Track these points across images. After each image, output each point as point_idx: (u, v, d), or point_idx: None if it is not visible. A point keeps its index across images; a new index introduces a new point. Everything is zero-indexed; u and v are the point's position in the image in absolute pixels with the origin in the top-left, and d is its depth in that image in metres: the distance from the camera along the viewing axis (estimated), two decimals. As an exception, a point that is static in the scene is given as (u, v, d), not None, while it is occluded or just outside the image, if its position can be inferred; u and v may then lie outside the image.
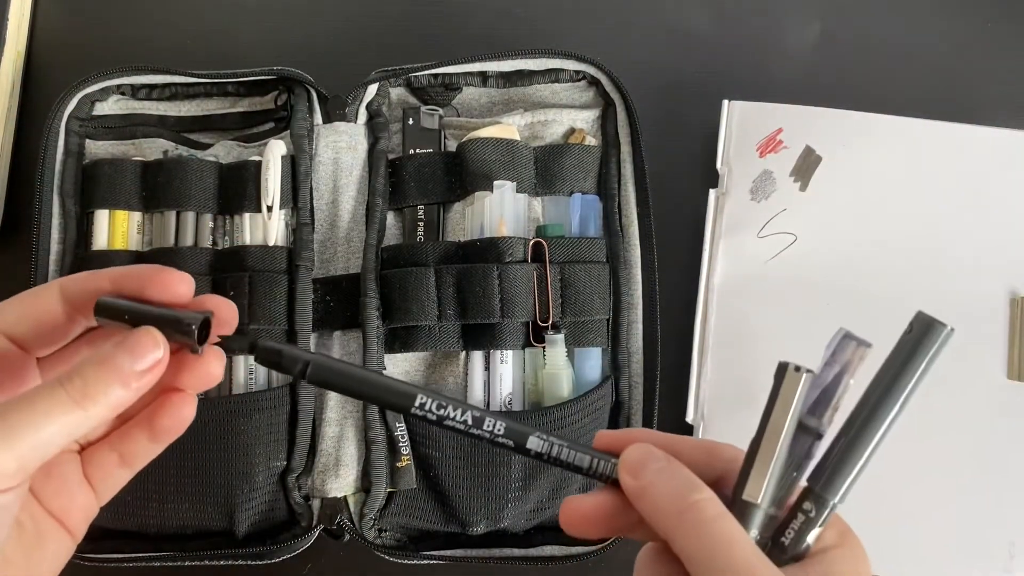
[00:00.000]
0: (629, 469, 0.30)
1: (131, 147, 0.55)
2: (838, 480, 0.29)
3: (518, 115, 0.55)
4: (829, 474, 0.29)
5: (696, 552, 0.27)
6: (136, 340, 0.30)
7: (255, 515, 0.50)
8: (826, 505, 0.29)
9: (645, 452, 0.30)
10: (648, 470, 0.29)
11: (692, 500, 0.28)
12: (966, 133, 0.54)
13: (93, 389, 0.28)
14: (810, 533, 0.29)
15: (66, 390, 0.28)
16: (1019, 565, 0.50)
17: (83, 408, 0.28)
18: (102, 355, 0.29)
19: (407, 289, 0.50)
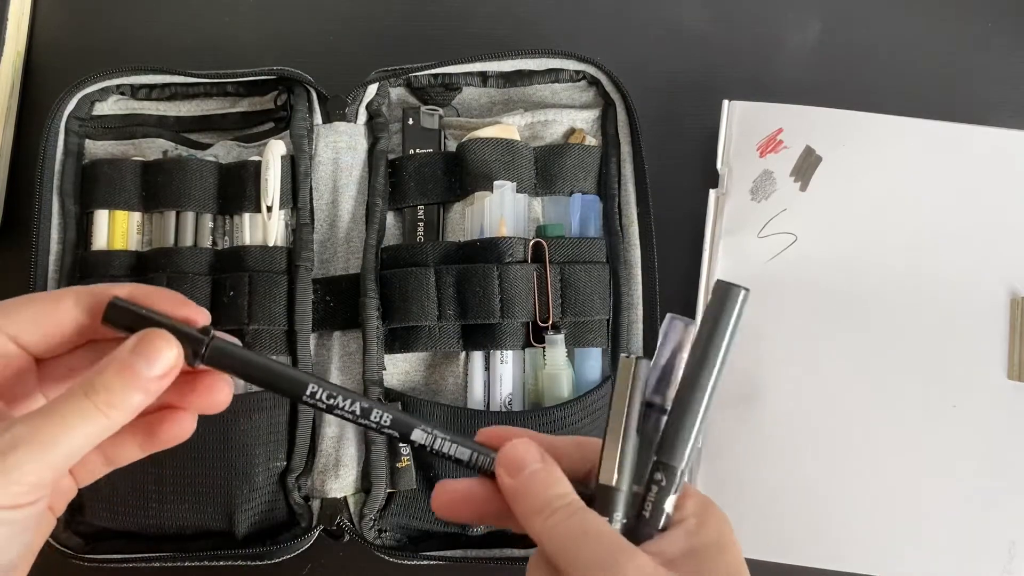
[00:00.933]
0: (506, 467, 0.31)
1: (131, 147, 0.55)
2: (678, 446, 0.31)
3: (518, 115, 0.55)
4: (669, 442, 0.31)
5: (557, 551, 0.29)
6: (152, 346, 0.30)
7: (255, 515, 0.50)
8: (674, 472, 0.31)
9: (524, 451, 0.31)
10: (524, 471, 0.30)
11: (555, 505, 0.29)
12: (966, 133, 0.54)
13: (117, 398, 0.30)
14: (666, 501, 0.31)
15: (92, 401, 0.29)
16: (1019, 566, 0.50)
17: (107, 416, 0.29)
18: (121, 362, 0.30)
19: (407, 289, 0.50)
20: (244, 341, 0.50)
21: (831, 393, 0.52)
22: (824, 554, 0.51)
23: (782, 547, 0.51)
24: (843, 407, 0.52)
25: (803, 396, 0.52)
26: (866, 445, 0.52)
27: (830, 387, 0.52)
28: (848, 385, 0.52)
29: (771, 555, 0.51)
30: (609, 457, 0.31)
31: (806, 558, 0.51)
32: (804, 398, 0.52)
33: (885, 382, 0.52)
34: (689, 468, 0.31)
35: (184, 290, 0.50)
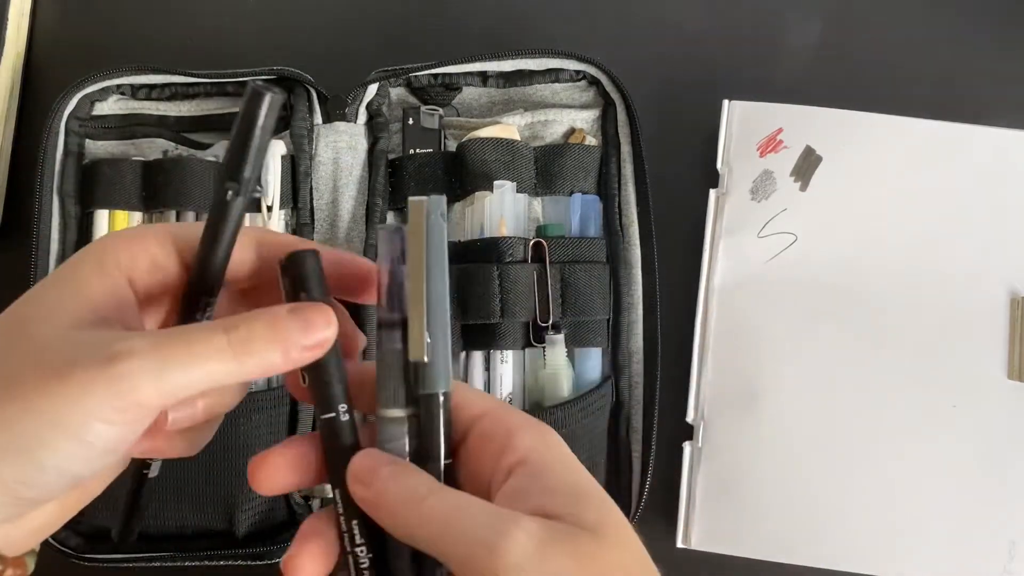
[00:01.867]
0: (360, 479, 0.28)
1: (131, 147, 0.55)
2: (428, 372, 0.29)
3: (518, 115, 0.55)
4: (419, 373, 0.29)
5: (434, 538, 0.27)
6: (311, 315, 0.28)
7: (255, 515, 0.50)
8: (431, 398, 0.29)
9: (373, 458, 0.29)
10: (379, 477, 0.28)
11: (422, 492, 0.27)
12: (967, 133, 0.54)
13: (256, 346, 0.27)
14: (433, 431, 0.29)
15: (228, 337, 0.27)
16: (1019, 566, 0.50)
17: (238, 361, 0.27)
18: (274, 315, 0.28)
19: (407, 289, 0.50)
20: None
21: (831, 393, 0.52)
22: (824, 554, 0.51)
23: (782, 547, 0.51)
24: (843, 407, 0.52)
25: (803, 396, 0.52)
26: (866, 445, 0.52)
27: (830, 387, 0.52)
28: (848, 385, 0.52)
29: (771, 555, 0.51)
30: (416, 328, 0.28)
31: (806, 558, 0.51)
32: (804, 398, 0.52)
33: (885, 382, 0.52)
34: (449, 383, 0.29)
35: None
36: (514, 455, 0.28)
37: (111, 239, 0.30)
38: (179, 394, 0.27)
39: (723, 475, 0.52)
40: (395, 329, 0.29)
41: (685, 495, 0.52)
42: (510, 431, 0.29)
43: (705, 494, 0.52)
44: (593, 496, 0.28)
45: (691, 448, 0.52)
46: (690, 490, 0.52)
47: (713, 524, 0.51)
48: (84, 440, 0.26)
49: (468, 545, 0.26)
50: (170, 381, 0.26)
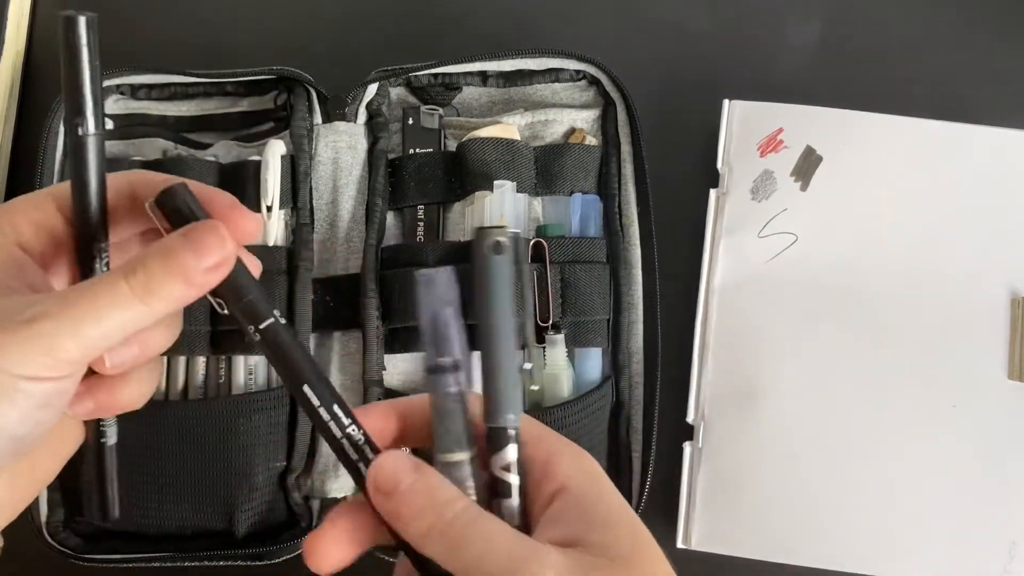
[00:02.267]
0: (381, 488, 0.28)
1: (130, 147, 0.55)
2: (495, 403, 0.28)
3: (518, 115, 0.55)
4: (488, 402, 0.29)
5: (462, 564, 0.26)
6: (202, 236, 0.28)
7: (255, 515, 0.50)
8: (500, 432, 0.28)
9: (395, 465, 0.28)
10: (400, 486, 0.28)
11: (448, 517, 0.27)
12: (967, 133, 0.54)
13: (156, 284, 0.27)
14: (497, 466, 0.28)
15: (129, 284, 0.27)
16: (1019, 566, 0.50)
17: (145, 304, 0.27)
18: (167, 248, 0.28)
19: (407, 289, 0.50)
20: (244, 342, 0.50)
21: (831, 393, 0.52)
22: (824, 554, 0.51)
23: (782, 547, 0.51)
24: (843, 407, 0.52)
25: (803, 396, 0.52)
26: (866, 445, 0.51)
27: (830, 387, 0.52)
28: (848, 385, 0.52)
29: (771, 555, 0.51)
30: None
31: (806, 558, 0.51)
32: (804, 398, 0.52)
33: (885, 382, 0.52)
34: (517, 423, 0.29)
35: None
36: (554, 483, 0.28)
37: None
38: (100, 346, 0.27)
39: (723, 475, 0.52)
40: (447, 373, 0.29)
41: (685, 495, 0.52)
42: (551, 458, 0.29)
43: (705, 494, 0.52)
44: (624, 524, 0.28)
45: (691, 448, 0.52)
46: (690, 490, 0.52)
47: (713, 524, 0.51)
48: (14, 399, 0.26)
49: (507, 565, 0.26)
50: (88, 335, 0.27)
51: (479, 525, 0.27)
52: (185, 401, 0.50)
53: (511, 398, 0.29)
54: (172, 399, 0.50)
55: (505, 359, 0.28)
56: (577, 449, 0.30)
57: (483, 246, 0.28)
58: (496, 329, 0.28)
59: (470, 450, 0.29)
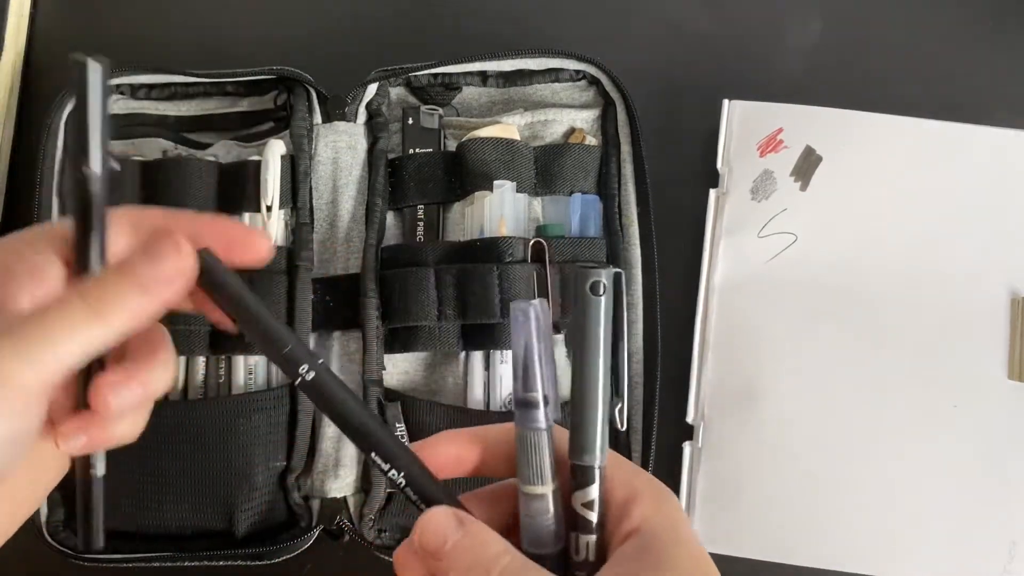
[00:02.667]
0: (428, 548, 0.28)
1: (130, 146, 0.55)
2: (584, 443, 0.29)
3: (518, 115, 0.55)
4: (574, 441, 0.29)
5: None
6: (158, 246, 0.28)
7: (254, 515, 0.50)
8: (587, 471, 0.29)
9: (442, 523, 0.28)
10: (446, 546, 0.27)
11: (497, 571, 0.27)
12: (967, 133, 0.54)
13: (111, 296, 0.27)
14: (578, 502, 0.29)
15: (85, 300, 0.26)
16: (1020, 566, 0.50)
17: (102, 318, 0.26)
18: (124, 263, 0.27)
19: (407, 289, 0.50)
20: (244, 342, 0.50)
21: (831, 393, 0.52)
22: (824, 554, 0.51)
23: (782, 547, 0.51)
24: (843, 407, 0.52)
25: (803, 396, 0.52)
26: (866, 445, 0.51)
27: (830, 387, 0.52)
28: (848, 385, 0.52)
29: (771, 555, 0.51)
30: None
31: (806, 558, 0.51)
32: (804, 398, 0.52)
33: (885, 382, 0.52)
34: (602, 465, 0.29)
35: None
36: (630, 523, 0.28)
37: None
38: (60, 369, 0.26)
39: (723, 475, 0.52)
40: (534, 409, 0.29)
41: (685, 496, 0.52)
42: (632, 497, 0.29)
43: (705, 495, 0.52)
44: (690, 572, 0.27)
45: (691, 448, 0.52)
46: (690, 490, 0.52)
47: (713, 525, 0.51)
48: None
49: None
50: (44, 359, 0.26)
51: None
52: (185, 401, 0.50)
53: (600, 437, 0.29)
54: (172, 399, 0.50)
55: (597, 398, 0.29)
56: (660, 491, 0.29)
57: (583, 286, 0.28)
58: (590, 368, 0.29)
59: (553, 483, 0.29)
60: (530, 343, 0.29)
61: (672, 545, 0.28)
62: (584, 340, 0.29)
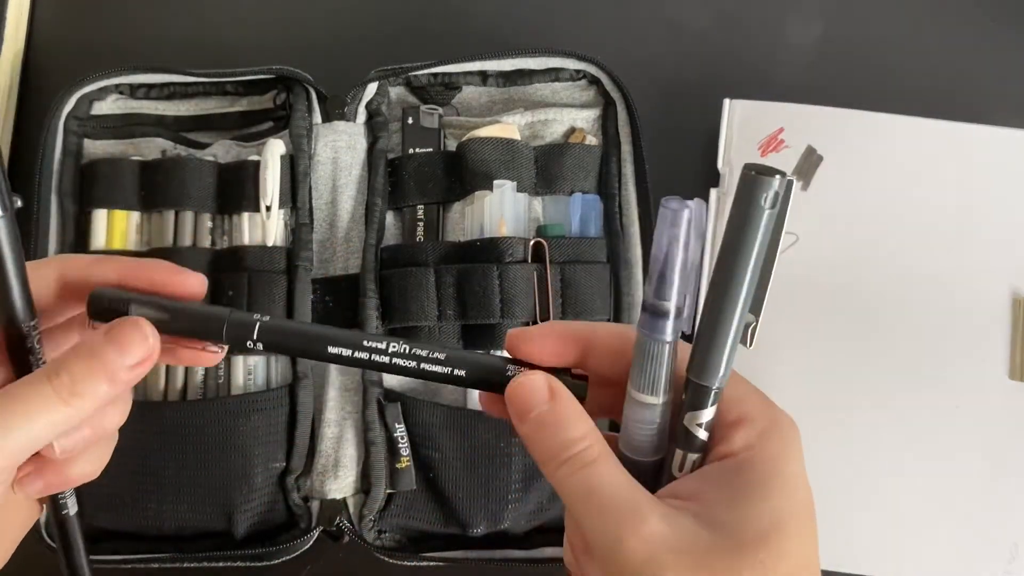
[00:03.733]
0: (514, 412, 0.28)
1: (129, 146, 0.55)
2: (709, 362, 0.27)
3: (518, 114, 0.54)
4: (698, 358, 0.27)
5: (567, 505, 0.27)
6: (125, 334, 0.28)
7: (254, 516, 0.50)
8: (704, 391, 0.27)
9: (529, 390, 0.28)
10: (531, 414, 0.28)
11: (563, 457, 0.27)
12: (968, 132, 0.54)
13: (80, 386, 0.28)
14: (692, 423, 0.27)
15: (53, 387, 0.27)
16: (1021, 566, 0.50)
17: (70, 405, 0.28)
18: (90, 348, 0.28)
19: (407, 289, 0.50)
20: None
21: (832, 393, 0.52)
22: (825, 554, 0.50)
23: (783, 548, 0.51)
24: (845, 407, 0.52)
25: (804, 396, 0.52)
26: (867, 445, 0.51)
27: (831, 387, 0.52)
28: (850, 385, 0.52)
29: (772, 556, 0.51)
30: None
31: (807, 559, 0.51)
32: (805, 398, 0.52)
33: (886, 382, 0.52)
34: None
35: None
36: (728, 446, 0.27)
37: None
38: (29, 450, 0.28)
39: (724, 476, 0.52)
40: (662, 319, 0.27)
41: (686, 496, 0.52)
42: (739, 420, 0.28)
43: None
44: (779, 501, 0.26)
45: (692, 449, 0.52)
46: (691, 491, 0.52)
47: (714, 525, 0.51)
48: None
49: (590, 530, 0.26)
50: (15, 443, 0.27)
51: (596, 469, 0.27)
52: (184, 401, 0.50)
53: (726, 360, 0.27)
54: (171, 399, 0.50)
55: (734, 319, 0.26)
56: (773, 420, 0.28)
57: (758, 194, 0.24)
58: (736, 285, 0.25)
59: (665, 396, 0.28)
60: (673, 247, 0.26)
61: (767, 477, 0.26)
62: (738, 254, 0.25)
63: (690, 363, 0.27)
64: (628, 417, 0.28)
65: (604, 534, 0.26)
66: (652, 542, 0.25)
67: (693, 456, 0.28)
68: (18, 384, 0.28)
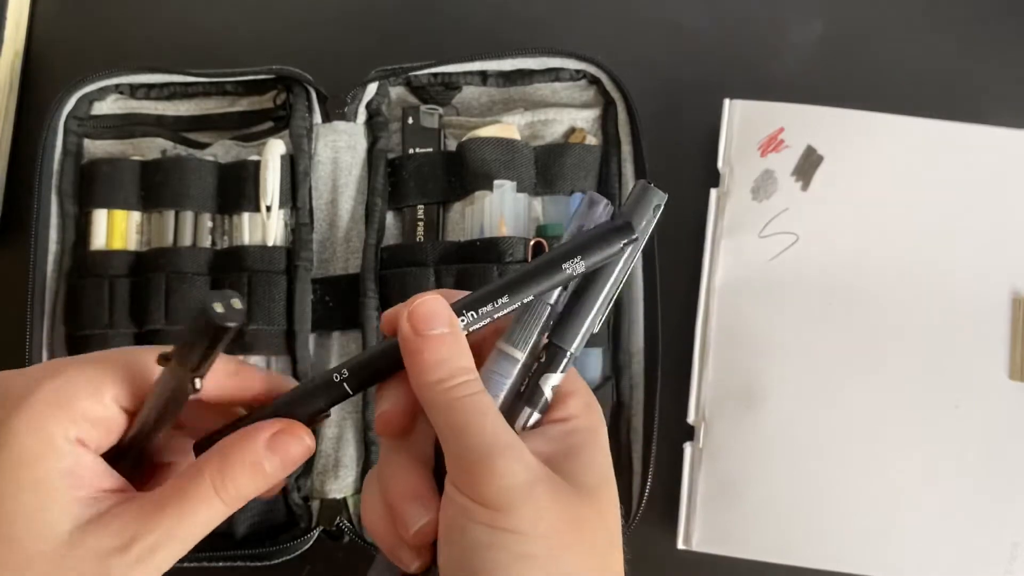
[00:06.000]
0: (414, 321, 0.29)
1: (129, 146, 0.55)
2: (570, 329, 0.31)
3: (518, 114, 0.54)
4: (563, 324, 0.31)
5: (445, 426, 0.29)
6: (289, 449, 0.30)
7: (254, 516, 0.50)
8: (561, 354, 0.31)
9: (436, 309, 0.29)
10: (432, 331, 0.29)
11: (457, 380, 0.29)
12: (968, 132, 0.54)
13: (245, 493, 0.29)
14: (546, 383, 0.31)
15: (222, 499, 0.29)
16: (1021, 567, 0.50)
17: (230, 507, 0.29)
18: (255, 463, 0.29)
19: (407, 289, 0.50)
20: (243, 342, 0.50)
21: (832, 393, 0.52)
22: (824, 554, 0.51)
23: (782, 547, 0.51)
24: (844, 407, 0.52)
25: (804, 396, 0.52)
26: (867, 445, 0.51)
27: (831, 387, 0.52)
28: (849, 385, 0.52)
29: (771, 555, 0.51)
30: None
31: (806, 558, 0.51)
32: (805, 398, 0.52)
33: (886, 382, 0.52)
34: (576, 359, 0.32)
35: (183, 290, 0.50)
36: (563, 411, 0.31)
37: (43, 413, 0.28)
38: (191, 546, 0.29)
39: (724, 476, 0.52)
40: None
41: (686, 496, 0.52)
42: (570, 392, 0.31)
43: (706, 495, 0.52)
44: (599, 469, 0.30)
45: (692, 449, 0.52)
46: (691, 491, 0.52)
47: (714, 525, 0.51)
48: None
49: (473, 450, 0.28)
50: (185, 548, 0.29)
51: (479, 400, 0.29)
52: (184, 401, 0.50)
53: (584, 331, 0.31)
54: (171, 399, 0.50)
55: (599, 296, 0.31)
56: (592, 398, 0.32)
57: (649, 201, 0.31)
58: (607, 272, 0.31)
59: (528, 356, 0.31)
60: (583, 227, 0.31)
61: (588, 443, 0.30)
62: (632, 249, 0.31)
63: (554, 329, 0.31)
64: (490, 369, 0.31)
65: (485, 457, 0.27)
66: (530, 471, 0.28)
67: (535, 416, 0.31)
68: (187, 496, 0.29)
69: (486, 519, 0.27)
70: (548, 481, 0.28)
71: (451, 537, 0.28)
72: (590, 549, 0.28)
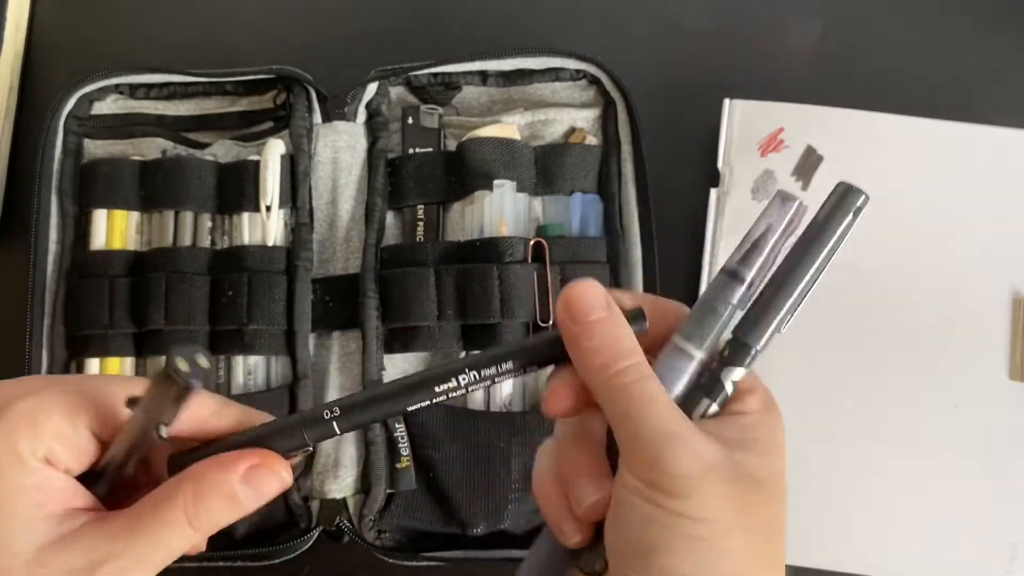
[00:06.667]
0: (570, 310, 0.29)
1: (129, 146, 0.55)
2: (759, 325, 0.30)
3: (518, 114, 0.54)
4: (751, 320, 0.30)
5: (615, 412, 0.28)
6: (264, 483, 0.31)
7: (254, 516, 0.50)
8: (746, 350, 0.30)
9: (590, 294, 0.29)
10: (590, 316, 0.29)
11: (620, 365, 0.28)
12: (969, 132, 0.54)
13: (217, 522, 0.30)
14: (727, 376, 0.30)
15: (193, 527, 0.29)
16: (1021, 567, 0.50)
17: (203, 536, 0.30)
18: (231, 495, 0.30)
19: (407, 289, 0.50)
20: (243, 342, 0.50)
21: (832, 393, 0.52)
22: (824, 554, 0.51)
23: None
24: (844, 407, 0.52)
25: (804, 396, 0.52)
26: (867, 445, 0.51)
27: (831, 387, 0.52)
28: (849, 385, 0.52)
29: (772, 556, 0.51)
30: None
31: (806, 558, 0.51)
32: (805, 398, 0.52)
33: (886, 383, 0.52)
34: None
35: (183, 290, 0.50)
36: (742, 406, 0.30)
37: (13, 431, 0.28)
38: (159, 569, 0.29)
39: (724, 476, 0.52)
40: (737, 284, 0.30)
41: (686, 496, 0.52)
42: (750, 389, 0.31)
43: None
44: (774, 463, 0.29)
45: (692, 449, 0.52)
46: (691, 491, 0.52)
47: (714, 525, 0.51)
48: None
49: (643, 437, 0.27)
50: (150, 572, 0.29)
51: (648, 385, 0.28)
52: (184, 401, 0.50)
53: (773, 328, 0.31)
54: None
55: (791, 295, 0.31)
56: (773, 400, 0.31)
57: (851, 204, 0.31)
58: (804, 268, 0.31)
59: (705, 353, 0.30)
60: (773, 229, 0.31)
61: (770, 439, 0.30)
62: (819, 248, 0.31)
63: (741, 324, 0.30)
64: (663, 364, 0.30)
65: (656, 445, 0.27)
66: (703, 458, 0.27)
67: (714, 408, 0.30)
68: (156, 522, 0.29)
69: (658, 501, 0.27)
70: (720, 469, 0.27)
71: (622, 516, 0.28)
72: (756, 535, 0.28)
